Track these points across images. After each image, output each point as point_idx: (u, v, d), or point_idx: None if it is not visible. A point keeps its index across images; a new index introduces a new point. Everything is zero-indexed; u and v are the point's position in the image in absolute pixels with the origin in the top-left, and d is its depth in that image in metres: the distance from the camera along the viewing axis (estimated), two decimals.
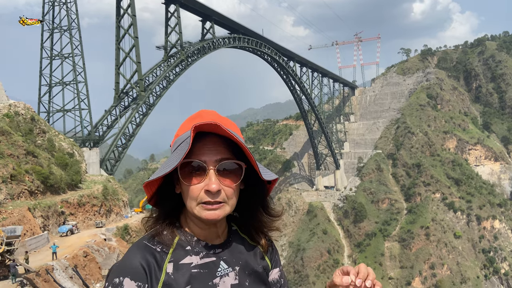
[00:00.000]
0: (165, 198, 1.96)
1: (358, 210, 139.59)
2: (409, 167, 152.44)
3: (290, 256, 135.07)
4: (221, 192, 1.80)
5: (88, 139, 71.17)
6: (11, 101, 49.96)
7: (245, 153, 1.85)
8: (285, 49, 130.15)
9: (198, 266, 1.85)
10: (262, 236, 2.13)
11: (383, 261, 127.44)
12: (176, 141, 1.88)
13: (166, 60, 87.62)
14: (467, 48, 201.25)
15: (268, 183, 2.02)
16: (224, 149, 1.85)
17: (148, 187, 1.88)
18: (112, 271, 1.76)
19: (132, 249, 1.83)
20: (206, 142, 1.83)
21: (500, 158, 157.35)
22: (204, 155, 1.81)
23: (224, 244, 1.99)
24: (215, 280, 1.86)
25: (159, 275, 1.76)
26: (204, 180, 1.80)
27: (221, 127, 1.73)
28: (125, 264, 1.75)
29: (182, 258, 1.85)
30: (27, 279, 23.77)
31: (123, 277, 1.69)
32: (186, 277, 1.80)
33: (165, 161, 1.82)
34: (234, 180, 1.86)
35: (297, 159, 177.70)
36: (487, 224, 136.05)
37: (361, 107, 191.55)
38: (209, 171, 1.80)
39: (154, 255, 1.80)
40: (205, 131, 1.80)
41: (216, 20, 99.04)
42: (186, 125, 1.92)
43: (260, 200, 2.07)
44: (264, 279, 2.06)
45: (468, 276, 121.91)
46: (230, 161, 1.85)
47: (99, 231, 40.85)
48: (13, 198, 35.81)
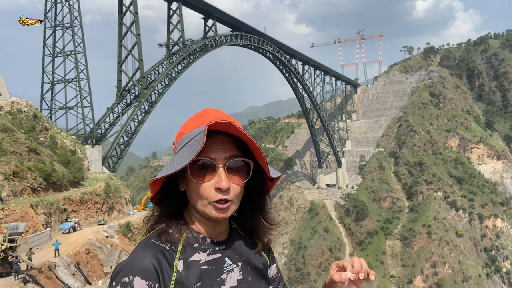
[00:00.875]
0: (169, 196, 1.95)
1: (360, 208, 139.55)
2: (411, 165, 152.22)
3: (292, 254, 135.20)
4: (230, 189, 1.82)
5: (90, 137, 71.31)
6: (13, 98, 50.06)
7: (252, 152, 1.88)
8: (287, 47, 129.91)
9: (206, 263, 1.87)
10: (261, 237, 2.14)
11: (385, 259, 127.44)
12: (183, 139, 1.87)
13: (168, 57, 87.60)
14: (470, 46, 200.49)
15: (270, 180, 2.03)
16: (232, 147, 1.86)
17: (153, 185, 1.87)
18: (119, 270, 1.71)
19: (140, 248, 1.80)
20: (215, 140, 1.83)
21: (502, 157, 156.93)
22: (213, 152, 1.82)
23: (227, 241, 2.01)
24: (223, 276, 1.89)
25: (170, 273, 1.76)
26: (214, 178, 1.81)
27: (235, 126, 1.75)
28: (135, 263, 1.72)
29: (191, 256, 1.86)
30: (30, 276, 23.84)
31: (133, 276, 1.66)
32: (197, 274, 1.81)
33: (173, 159, 1.81)
34: (242, 178, 1.88)
35: (299, 157, 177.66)
36: (489, 223, 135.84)
37: (363, 105, 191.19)
38: (219, 169, 1.81)
39: (164, 254, 1.79)
40: (214, 130, 1.80)
41: (218, 17, 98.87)
42: (191, 124, 1.92)
43: (260, 198, 2.08)
44: (264, 275, 2.11)
45: (469, 275, 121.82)
46: (239, 159, 1.86)
47: (101, 228, 40.94)
48: (16, 195, 35.92)
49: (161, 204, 1.97)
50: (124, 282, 1.65)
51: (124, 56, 79.05)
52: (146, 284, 1.66)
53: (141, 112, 77.92)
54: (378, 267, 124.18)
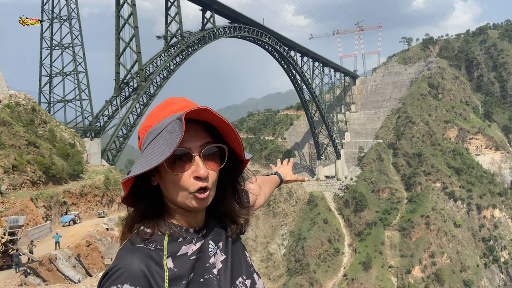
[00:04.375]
0: (141, 194, 1.86)
1: (359, 200, 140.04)
2: (409, 156, 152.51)
3: (291, 245, 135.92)
4: (209, 176, 1.80)
5: (89, 130, 71.31)
6: (11, 91, 49.97)
7: (224, 136, 1.87)
8: (286, 39, 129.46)
9: (195, 253, 1.85)
10: (234, 219, 2.13)
11: (383, 250, 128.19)
12: (151, 132, 1.77)
13: (166, 50, 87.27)
14: (469, 37, 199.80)
15: (241, 162, 2.01)
16: (205, 134, 1.83)
17: (127, 184, 1.77)
18: (107, 279, 1.63)
19: (125, 254, 1.71)
20: (187, 129, 1.74)
21: (501, 147, 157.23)
22: (187, 142, 1.76)
23: (206, 225, 1.99)
24: (211, 260, 1.88)
25: (162, 273, 1.69)
26: (191, 167, 1.76)
27: (211, 111, 1.72)
28: (122, 270, 1.62)
29: (178, 250, 1.80)
30: (31, 268, 24.03)
31: (121, 284, 1.58)
32: (188, 266, 1.79)
33: (145, 153, 1.71)
34: (218, 164, 1.86)
35: (298, 149, 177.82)
36: (487, 213, 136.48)
37: (362, 96, 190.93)
38: (195, 158, 1.77)
39: (150, 256, 1.71)
40: (184, 118, 1.71)
41: (217, 9, 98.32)
42: (157, 115, 1.83)
43: (233, 181, 2.07)
44: (243, 254, 2.10)
45: (467, 265, 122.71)
46: (214, 145, 1.83)
47: (101, 221, 41.11)
48: (15, 189, 36.03)
49: (134, 204, 1.88)
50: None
51: (122, 49, 78.73)
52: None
53: (139, 105, 77.85)
54: (377, 257, 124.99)
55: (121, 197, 1.88)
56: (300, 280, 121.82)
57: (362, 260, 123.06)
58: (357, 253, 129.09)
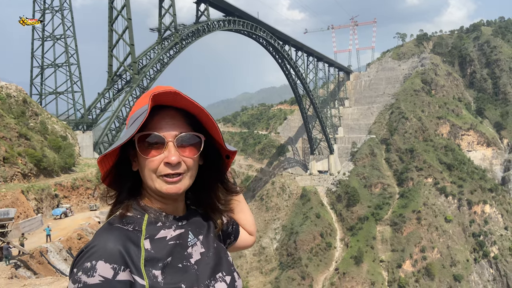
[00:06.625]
0: (121, 177, 1.91)
1: (351, 195, 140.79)
2: (402, 152, 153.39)
3: (284, 239, 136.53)
4: (181, 164, 1.80)
5: (81, 122, 70.75)
6: (2, 83, 49.35)
7: (206, 127, 1.87)
8: (281, 33, 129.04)
9: (173, 238, 1.86)
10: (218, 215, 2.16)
11: (375, 244, 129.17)
12: (132, 117, 1.83)
13: (160, 42, 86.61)
14: (463, 33, 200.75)
15: (227, 158, 2.03)
16: (182, 123, 1.83)
17: (102, 163, 1.81)
18: (81, 256, 1.63)
19: (103, 233, 1.74)
20: (164, 115, 1.79)
21: (492, 144, 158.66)
22: (162, 129, 1.79)
23: (187, 216, 2.01)
24: (189, 250, 1.89)
25: (138, 253, 1.71)
26: (163, 152, 1.78)
27: (181, 94, 1.71)
28: (97, 247, 1.63)
29: (157, 234, 1.82)
30: (21, 261, 23.89)
31: (96, 261, 1.59)
32: (166, 250, 1.80)
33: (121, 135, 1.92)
34: (194, 152, 1.85)
35: (291, 143, 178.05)
36: (477, 209, 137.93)
37: (356, 92, 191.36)
38: (168, 143, 1.78)
39: (128, 236, 1.74)
40: (163, 105, 1.78)
41: (211, 2, 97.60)
42: (141, 102, 1.85)
43: (219, 176, 2.08)
44: (223, 250, 2.10)
45: (458, 259, 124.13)
46: (190, 134, 1.83)
47: (93, 214, 40.91)
48: (6, 181, 35.72)
49: (114, 185, 1.94)
50: (86, 268, 1.58)
51: (115, 41, 77.96)
52: (111, 267, 1.60)
53: (132, 98, 77.23)
54: (368, 252, 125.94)
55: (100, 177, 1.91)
56: (292, 274, 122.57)
57: (354, 254, 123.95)
58: (349, 247, 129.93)
